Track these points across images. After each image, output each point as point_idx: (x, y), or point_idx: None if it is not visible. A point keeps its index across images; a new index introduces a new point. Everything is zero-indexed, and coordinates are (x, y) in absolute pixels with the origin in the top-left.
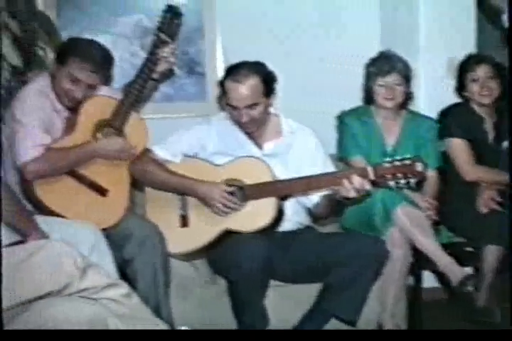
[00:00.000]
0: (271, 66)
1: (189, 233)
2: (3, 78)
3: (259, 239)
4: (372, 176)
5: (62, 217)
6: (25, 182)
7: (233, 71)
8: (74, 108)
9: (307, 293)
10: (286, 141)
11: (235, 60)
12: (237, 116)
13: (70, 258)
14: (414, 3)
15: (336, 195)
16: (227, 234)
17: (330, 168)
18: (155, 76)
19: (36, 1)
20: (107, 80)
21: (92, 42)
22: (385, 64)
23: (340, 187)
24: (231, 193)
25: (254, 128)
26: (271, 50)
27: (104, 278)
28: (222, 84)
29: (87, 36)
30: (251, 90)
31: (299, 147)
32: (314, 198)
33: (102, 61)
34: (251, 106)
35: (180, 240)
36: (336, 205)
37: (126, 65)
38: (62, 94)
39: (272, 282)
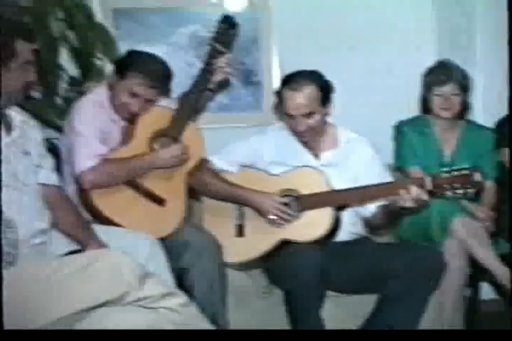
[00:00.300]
0: (327, 76)
1: (246, 243)
2: (61, 88)
3: (316, 249)
4: (429, 186)
5: (120, 226)
6: (83, 191)
7: (290, 80)
8: (131, 118)
9: (364, 304)
10: (343, 150)
11: (291, 70)
12: (293, 125)
13: (128, 267)
14: (472, 13)
15: (393, 205)
16: (284, 244)
17: (387, 177)
18: (211, 86)
19: (94, 13)
20: (165, 93)
21: (152, 57)
22: (442, 73)
23: (397, 197)
24: (286, 204)
25: (310, 138)
26: (327, 59)
27: (161, 287)
28: (279, 93)
29: (144, 47)
30: (307, 99)
31: (356, 157)
32: (371, 208)
33: (161, 76)
34: (307, 115)
35: (236, 250)
36: (393, 216)
37: (182, 74)
38: (120, 106)
39: (329, 292)
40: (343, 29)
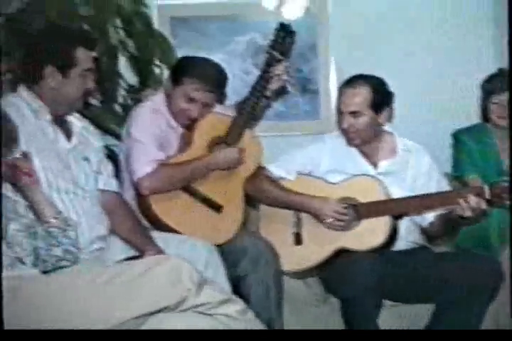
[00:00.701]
0: None
1: (303, 251)
2: (119, 96)
3: (373, 257)
4: (488, 195)
5: (177, 233)
6: (141, 197)
7: (351, 79)
8: (189, 125)
9: (421, 313)
10: (401, 159)
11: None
12: (339, 122)
13: (187, 273)
14: None
15: (452, 215)
16: (341, 253)
17: (445, 186)
18: (268, 94)
19: (152, 21)
20: (221, 98)
21: (206, 61)
22: (500, 81)
23: (455, 206)
24: (343, 209)
25: (357, 141)
26: (385, 68)
27: (219, 293)
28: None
29: (201, 55)
30: (358, 97)
31: (414, 166)
32: (429, 217)
33: (216, 80)
34: (354, 114)
35: (293, 258)
36: (451, 225)
37: (239, 82)
38: (179, 113)
39: (385, 302)
40: (402, 37)
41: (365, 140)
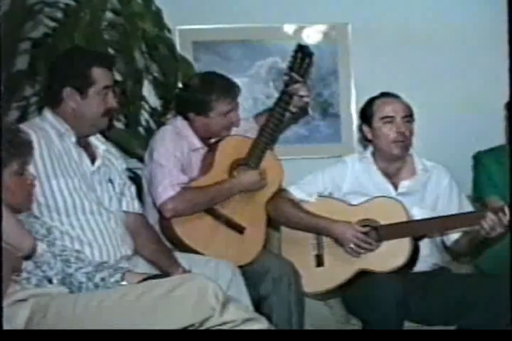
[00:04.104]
0: None
1: (324, 273)
2: (143, 119)
3: (395, 279)
4: (508, 214)
5: (200, 254)
6: (164, 220)
7: (382, 94)
8: (210, 147)
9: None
10: (421, 179)
11: None
12: (392, 129)
13: (212, 291)
14: None
15: (477, 233)
16: (362, 274)
17: (466, 207)
18: (289, 114)
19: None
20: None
21: (220, 76)
22: None
23: (476, 226)
24: (365, 233)
25: (406, 151)
26: (406, 92)
27: (243, 312)
28: (368, 108)
29: None
30: (404, 104)
31: (433, 185)
32: (454, 235)
33: (236, 88)
34: (408, 118)
35: (315, 280)
36: (476, 243)
37: (261, 106)
38: (221, 131)
39: (407, 323)
40: (423, 62)
41: (407, 153)
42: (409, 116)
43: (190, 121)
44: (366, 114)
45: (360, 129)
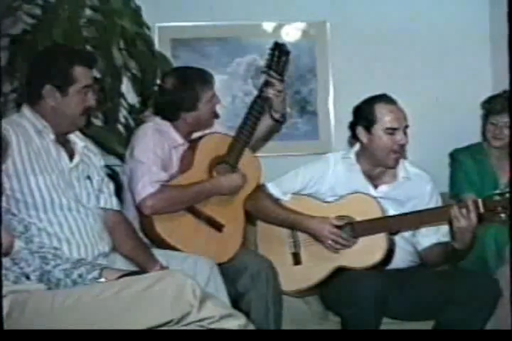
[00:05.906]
0: None
1: (301, 271)
2: (121, 116)
3: (373, 275)
4: (482, 209)
5: (180, 251)
6: (144, 217)
7: (380, 96)
8: (191, 144)
9: None
10: (401, 186)
11: (346, 99)
12: (393, 140)
13: (190, 288)
14: None
15: (449, 246)
16: (340, 271)
17: None
18: (276, 116)
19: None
20: None
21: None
22: (499, 103)
23: (450, 217)
24: (341, 228)
25: (398, 163)
26: (384, 89)
27: (221, 308)
28: (368, 111)
29: None
30: (404, 112)
31: (413, 193)
32: (424, 242)
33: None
34: (406, 129)
35: (293, 278)
36: (447, 255)
37: (240, 104)
38: (208, 119)
39: (385, 319)
40: (399, 58)
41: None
42: (407, 126)
43: (181, 120)
44: (365, 117)
45: (352, 128)
